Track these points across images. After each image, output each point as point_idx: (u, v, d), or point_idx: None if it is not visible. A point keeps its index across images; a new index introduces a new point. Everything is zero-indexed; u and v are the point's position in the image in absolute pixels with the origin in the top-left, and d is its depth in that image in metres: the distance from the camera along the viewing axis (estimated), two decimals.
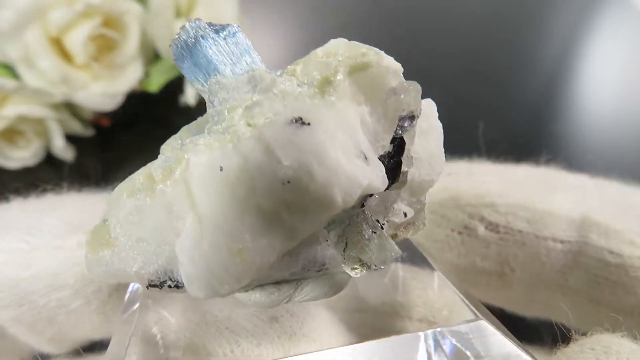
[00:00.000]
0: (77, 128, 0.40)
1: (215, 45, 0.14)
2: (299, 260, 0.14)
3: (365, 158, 0.13)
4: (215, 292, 0.13)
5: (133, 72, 0.40)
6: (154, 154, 0.16)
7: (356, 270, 0.14)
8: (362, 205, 0.14)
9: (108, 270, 0.14)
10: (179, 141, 0.15)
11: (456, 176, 0.23)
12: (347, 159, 0.13)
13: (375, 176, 0.13)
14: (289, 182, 0.12)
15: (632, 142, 0.47)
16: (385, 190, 0.14)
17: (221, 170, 0.12)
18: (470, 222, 0.21)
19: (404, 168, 0.15)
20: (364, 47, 0.15)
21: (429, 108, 0.16)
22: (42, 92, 0.36)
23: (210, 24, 0.15)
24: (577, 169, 0.27)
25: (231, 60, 0.14)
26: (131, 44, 0.39)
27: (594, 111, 0.50)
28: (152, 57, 0.42)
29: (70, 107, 0.40)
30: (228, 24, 0.15)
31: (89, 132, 0.42)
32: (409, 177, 0.15)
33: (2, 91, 0.36)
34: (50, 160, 0.40)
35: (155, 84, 0.41)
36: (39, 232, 0.21)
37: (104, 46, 0.39)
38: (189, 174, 0.13)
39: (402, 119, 0.14)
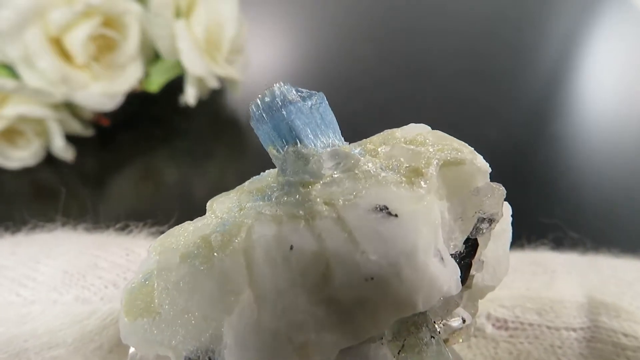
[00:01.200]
0: (77, 128, 0.40)
1: (301, 113, 0.13)
2: (349, 355, 0.13)
3: (442, 258, 0.12)
4: None
5: (133, 72, 0.40)
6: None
7: None
8: None
9: (145, 339, 0.13)
10: (237, 203, 0.13)
11: None
12: (431, 260, 0.12)
13: (451, 279, 0.12)
14: (372, 278, 0.11)
15: (632, 142, 0.47)
16: None
17: (291, 249, 0.11)
18: (476, 322, 0.20)
19: (472, 271, 0.14)
20: (455, 141, 0.14)
21: (508, 212, 0.15)
22: (42, 92, 0.36)
23: (297, 90, 0.14)
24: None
25: (315, 131, 0.13)
26: (131, 44, 0.39)
27: (594, 111, 0.50)
28: (152, 57, 0.42)
29: (70, 107, 0.40)
30: (315, 93, 0.14)
31: (89, 132, 0.42)
32: (473, 280, 0.14)
33: (2, 91, 0.36)
34: (50, 160, 0.40)
35: (155, 84, 0.41)
36: (34, 283, 0.20)
37: (104, 46, 0.39)
38: (251, 245, 0.12)
39: (481, 220, 0.14)
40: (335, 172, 0.13)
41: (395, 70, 0.53)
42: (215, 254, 0.12)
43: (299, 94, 0.14)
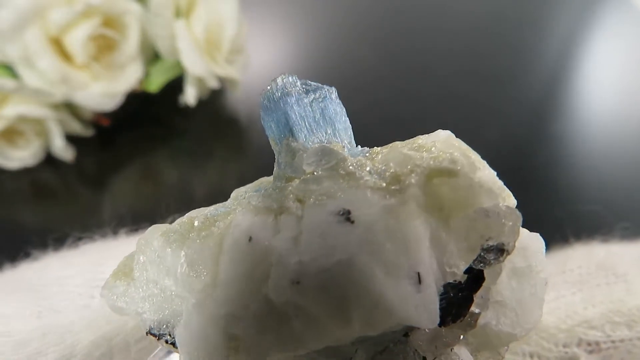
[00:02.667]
0: (77, 128, 0.40)
1: (299, 106, 0.13)
2: None
3: (419, 282, 0.11)
4: None
5: (133, 72, 0.40)
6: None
7: None
8: (407, 334, 0.12)
9: (117, 301, 0.13)
10: (244, 193, 0.13)
11: None
12: (390, 277, 0.10)
13: (420, 307, 0.11)
14: (298, 282, 0.10)
15: (632, 142, 0.47)
16: (441, 327, 0.12)
17: (250, 240, 0.11)
18: (568, 353, 0.18)
19: (474, 308, 0.12)
20: (458, 151, 0.12)
21: (534, 245, 0.13)
22: (42, 92, 0.36)
23: (304, 83, 0.13)
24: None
25: (310, 126, 0.13)
26: (131, 44, 0.39)
27: (594, 111, 0.50)
28: (152, 57, 0.42)
29: (70, 107, 0.40)
30: (322, 87, 0.13)
31: (89, 132, 0.42)
32: (482, 321, 0.12)
33: (2, 91, 0.36)
34: (50, 160, 0.40)
35: (155, 84, 0.41)
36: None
37: (104, 46, 0.39)
38: (226, 233, 0.12)
39: (487, 249, 0.12)
40: (318, 170, 0.12)
41: (396, 70, 0.53)
42: (190, 234, 0.12)
43: (305, 86, 0.13)
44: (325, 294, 0.10)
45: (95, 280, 0.21)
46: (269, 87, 0.13)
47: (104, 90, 0.38)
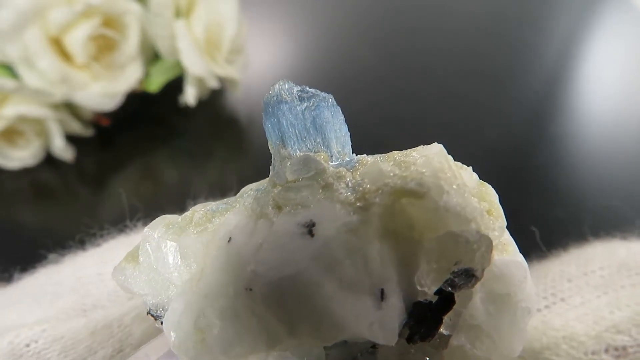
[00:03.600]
0: (77, 128, 0.40)
1: (291, 113, 0.13)
2: None
3: (382, 299, 0.11)
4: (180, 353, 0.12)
5: (133, 72, 0.40)
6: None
7: None
8: (374, 346, 0.12)
9: (125, 281, 0.15)
10: (248, 191, 0.14)
11: (547, 307, 0.19)
12: (345, 293, 0.11)
13: (377, 325, 0.11)
14: (251, 289, 0.11)
15: (632, 142, 0.47)
16: (410, 344, 0.12)
17: (229, 241, 0.12)
18: None
19: (443, 330, 0.12)
20: (431, 172, 0.12)
21: (517, 273, 0.13)
22: (42, 92, 0.36)
23: (301, 90, 0.13)
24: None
25: (300, 134, 0.13)
26: (131, 44, 0.39)
27: (594, 111, 0.50)
28: (152, 57, 0.42)
29: (70, 107, 0.40)
30: (318, 94, 0.14)
31: (89, 132, 0.42)
32: (455, 342, 0.12)
33: (2, 91, 0.36)
34: (50, 160, 0.40)
35: (155, 84, 0.41)
36: None
37: (104, 46, 0.39)
38: (217, 230, 0.13)
39: (456, 273, 0.12)
40: (299, 178, 0.12)
41: (395, 70, 0.53)
42: (188, 228, 0.13)
43: (300, 93, 0.13)
44: (274, 304, 0.11)
45: None
46: (269, 92, 0.14)
47: (104, 90, 0.38)
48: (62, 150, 0.39)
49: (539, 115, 0.49)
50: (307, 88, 0.14)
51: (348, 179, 0.12)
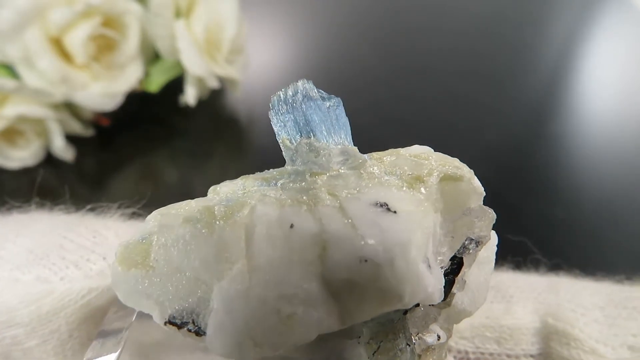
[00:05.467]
0: (77, 128, 0.40)
1: (320, 110, 0.14)
2: (325, 349, 0.14)
3: (429, 266, 0.13)
4: (240, 353, 0.12)
5: (133, 72, 0.40)
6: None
7: None
8: (405, 312, 0.14)
9: (135, 290, 0.14)
10: (241, 187, 0.14)
11: None
12: (421, 261, 0.12)
13: (435, 286, 0.13)
14: (366, 260, 0.12)
15: (632, 142, 0.47)
16: (431, 306, 0.14)
17: (291, 227, 0.12)
18: (448, 345, 0.20)
19: (454, 290, 0.14)
20: (456, 161, 0.15)
21: (493, 240, 0.16)
22: (42, 92, 0.36)
23: (318, 91, 0.15)
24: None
25: (329, 130, 0.14)
26: (131, 44, 0.39)
27: (594, 111, 0.50)
28: (152, 57, 0.42)
29: (70, 107, 0.40)
30: (333, 96, 0.15)
31: (89, 132, 0.42)
32: (454, 301, 0.15)
33: (2, 91, 0.36)
34: (50, 160, 0.40)
35: (155, 84, 0.41)
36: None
37: (104, 46, 0.39)
38: (252, 221, 0.12)
39: (469, 240, 0.14)
40: (342, 168, 0.13)
41: (395, 70, 0.53)
42: (217, 221, 0.13)
43: (319, 94, 0.15)
44: (389, 271, 0.12)
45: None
46: (286, 90, 0.15)
47: (104, 90, 0.38)
48: (62, 150, 0.39)
49: (539, 115, 0.49)
50: (319, 89, 0.15)
51: (383, 169, 0.14)
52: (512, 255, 0.24)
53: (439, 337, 0.15)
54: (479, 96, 0.50)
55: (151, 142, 0.43)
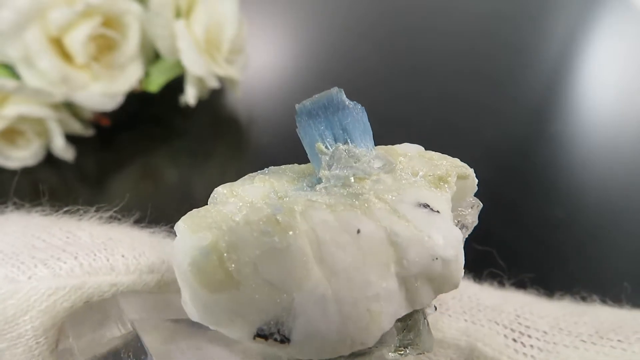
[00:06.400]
0: (77, 128, 0.40)
1: (353, 117, 0.15)
2: None
3: None
4: (335, 354, 0.13)
5: (133, 72, 0.40)
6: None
7: (402, 353, 0.15)
8: None
9: (227, 310, 0.13)
10: (272, 192, 0.15)
11: None
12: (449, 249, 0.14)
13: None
14: (437, 259, 0.13)
15: (632, 142, 0.47)
16: None
17: (358, 232, 0.13)
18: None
19: None
20: (457, 160, 0.16)
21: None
22: (42, 92, 0.36)
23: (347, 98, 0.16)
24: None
25: (361, 135, 0.15)
26: (131, 44, 0.39)
27: (594, 111, 0.50)
28: (152, 57, 0.42)
29: (70, 107, 0.40)
30: (358, 104, 0.16)
31: (89, 132, 0.42)
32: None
33: (2, 91, 0.36)
34: (50, 160, 0.40)
35: (155, 84, 0.41)
36: None
37: (104, 46, 0.39)
38: (312, 228, 0.13)
39: (461, 225, 0.16)
40: (381, 172, 0.15)
41: (395, 70, 0.53)
42: (290, 232, 0.13)
43: (349, 100, 0.16)
44: (455, 266, 0.14)
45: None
46: (319, 96, 0.15)
47: (104, 90, 0.38)
48: (62, 150, 0.39)
49: (538, 115, 0.49)
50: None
51: (406, 171, 0.15)
52: (477, 266, 0.23)
53: (435, 308, 0.16)
54: (479, 96, 0.50)
55: (151, 142, 0.43)
